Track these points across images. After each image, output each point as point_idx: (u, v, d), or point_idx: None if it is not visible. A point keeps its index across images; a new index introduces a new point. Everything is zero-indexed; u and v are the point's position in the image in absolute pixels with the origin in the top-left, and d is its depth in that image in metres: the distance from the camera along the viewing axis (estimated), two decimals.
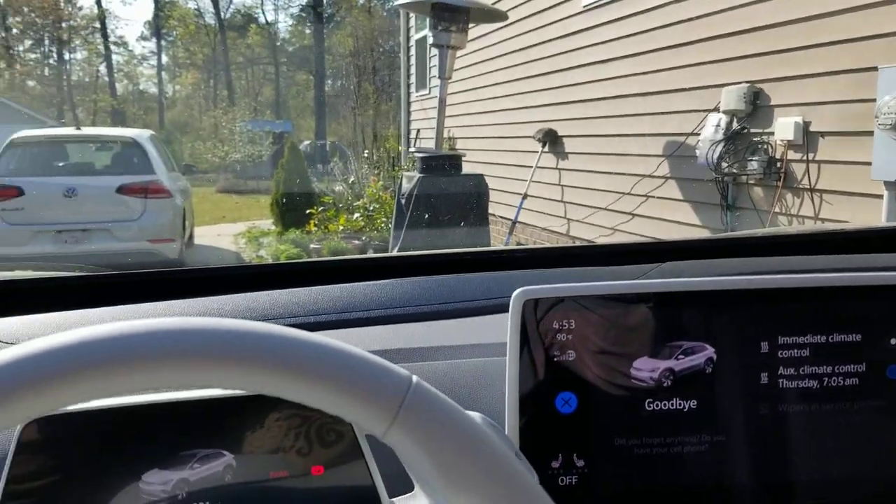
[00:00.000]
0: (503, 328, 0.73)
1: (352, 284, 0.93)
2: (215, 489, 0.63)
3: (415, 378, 0.43)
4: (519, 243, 5.78)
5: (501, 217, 5.93)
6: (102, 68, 32.41)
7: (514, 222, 5.56)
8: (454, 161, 4.71)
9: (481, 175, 4.81)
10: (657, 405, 0.64)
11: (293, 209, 7.08)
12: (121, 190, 6.12)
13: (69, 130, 7.97)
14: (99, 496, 0.61)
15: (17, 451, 0.59)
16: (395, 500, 0.69)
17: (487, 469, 0.42)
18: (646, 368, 0.65)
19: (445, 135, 6.18)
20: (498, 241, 5.80)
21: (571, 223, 5.23)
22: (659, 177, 4.36)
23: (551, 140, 5.41)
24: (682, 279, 0.69)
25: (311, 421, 0.65)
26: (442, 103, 4.96)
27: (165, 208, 6.26)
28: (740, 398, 0.65)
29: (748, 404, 0.65)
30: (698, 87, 3.98)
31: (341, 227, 6.50)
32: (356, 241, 6.26)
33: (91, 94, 30.84)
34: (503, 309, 0.94)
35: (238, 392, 0.64)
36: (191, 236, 7.16)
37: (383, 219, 6.45)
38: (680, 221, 4.24)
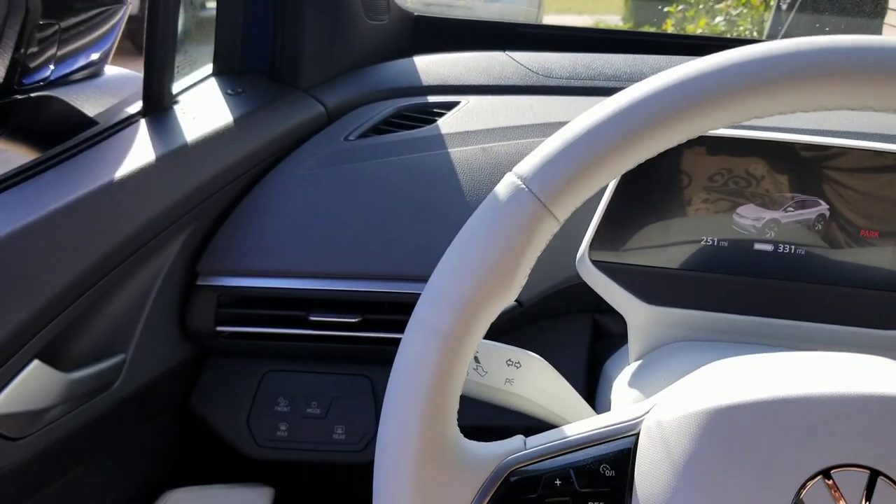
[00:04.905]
0: None
1: None
2: (803, 235, 0.64)
3: None
4: None
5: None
6: None
7: None
8: None
9: None
10: None
11: (649, 5, 6.72)
12: None
13: None
14: (694, 220, 0.65)
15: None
16: None
17: None
18: None
19: None
20: None
21: None
22: None
23: None
24: None
25: None
26: None
27: None
28: None
29: None
30: None
31: (699, 31, 6.08)
32: None
33: None
34: None
35: (853, 143, 0.63)
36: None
37: (748, 26, 5.90)
38: None
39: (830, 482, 0.39)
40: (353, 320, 0.76)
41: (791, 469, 0.39)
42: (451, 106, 0.93)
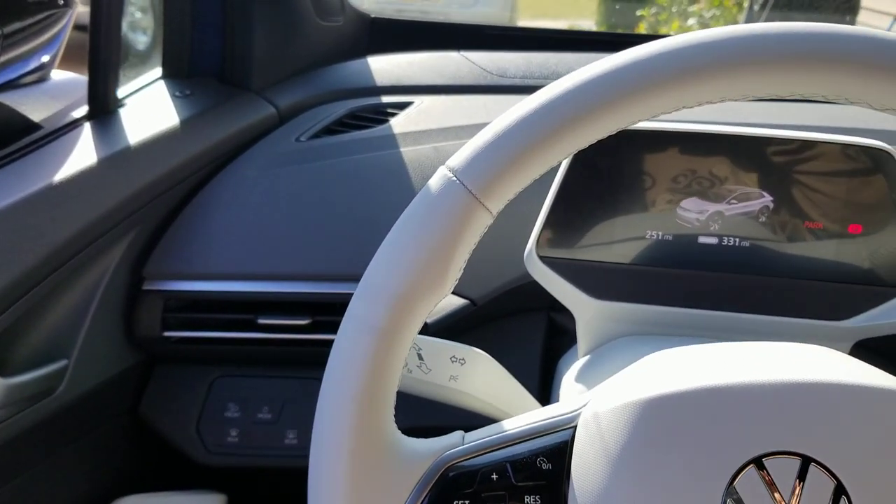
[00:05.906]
0: None
1: None
2: (747, 228, 0.64)
3: None
4: None
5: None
6: None
7: None
8: None
9: None
10: None
11: (622, 8, 6.76)
12: None
13: None
14: (639, 215, 0.64)
15: (572, 162, 0.63)
16: None
17: None
18: None
19: None
20: None
21: None
22: None
23: None
24: None
25: (858, 176, 0.62)
26: None
27: None
28: None
29: None
30: None
31: (672, 34, 6.13)
32: None
33: None
34: None
35: (796, 134, 0.63)
36: None
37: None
38: None
39: (763, 471, 0.38)
40: (302, 322, 0.75)
41: (722, 458, 0.38)
42: (404, 106, 0.93)
